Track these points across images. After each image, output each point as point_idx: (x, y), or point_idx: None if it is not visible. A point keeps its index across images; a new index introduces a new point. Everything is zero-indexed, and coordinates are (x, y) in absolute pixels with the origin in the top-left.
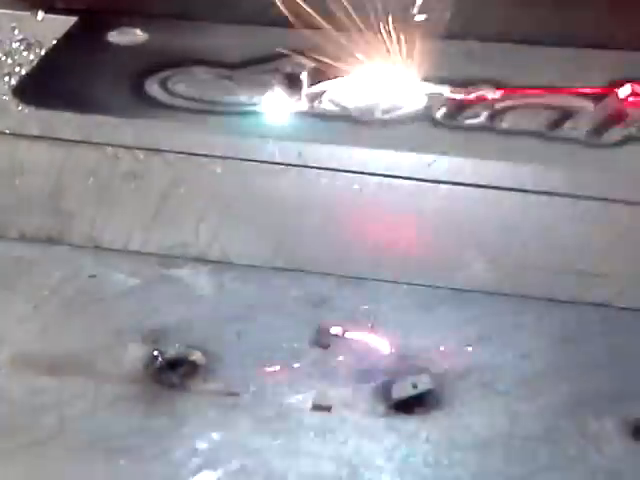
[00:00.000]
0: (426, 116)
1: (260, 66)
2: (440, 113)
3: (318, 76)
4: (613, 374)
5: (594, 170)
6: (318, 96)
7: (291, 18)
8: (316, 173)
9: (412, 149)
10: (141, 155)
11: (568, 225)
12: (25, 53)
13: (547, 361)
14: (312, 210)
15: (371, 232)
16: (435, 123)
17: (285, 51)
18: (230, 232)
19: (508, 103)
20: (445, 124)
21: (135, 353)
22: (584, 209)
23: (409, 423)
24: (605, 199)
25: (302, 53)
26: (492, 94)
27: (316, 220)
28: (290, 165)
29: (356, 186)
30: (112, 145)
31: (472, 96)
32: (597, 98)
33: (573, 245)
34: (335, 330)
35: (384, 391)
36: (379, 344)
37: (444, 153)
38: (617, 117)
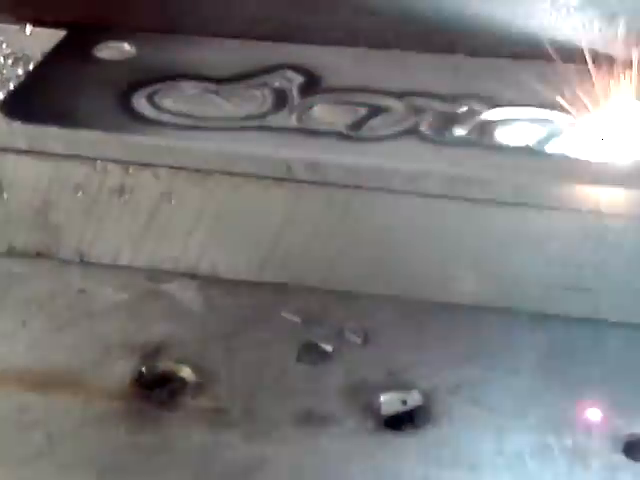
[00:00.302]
0: (414, 131)
1: (248, 80)
2: (428, 129)
3: (307, 91)
4: (603, 389)
5: (582, 184)
6: (306, 111)
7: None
8: (305, 187)
9: (400, 164)
10: (130, 169)
11: (558, 239)
12: (13, 67)
13: (537, 376)
14: (301, 224)
15: (361, 246)
16: (424, 138)
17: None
18: (219, 247)
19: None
20: (434, 139)
21: (123, 369)
22: (573, 223)
23: (398, 439)
24: (594, 213)
25: (292, 67)
26: None
27: (305, 234)
28: (279, 179)
29: (345, 200)
30: (101, 159)
31: None
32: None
33: (563, 259)
34: (325, 345)
35: (373, 407)
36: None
37: (432, 167)
38: None
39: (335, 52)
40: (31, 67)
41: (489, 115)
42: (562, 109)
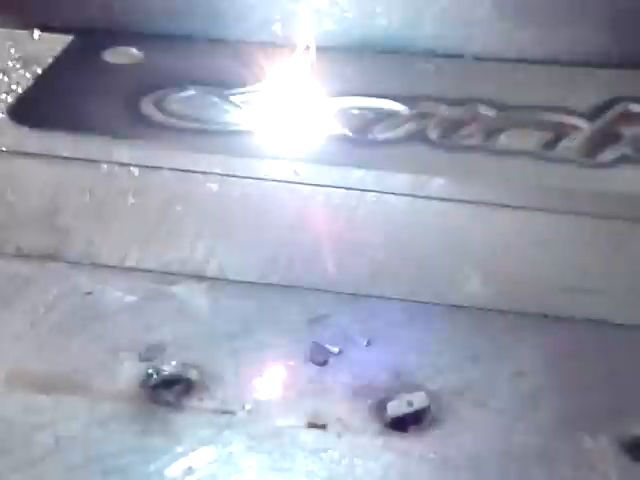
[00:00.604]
0: (421, 136)
1: (257, 85)
2: (434, 133)
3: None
4: (609, 391)
5: (589, 189)
6: (314, 115)
7: None
8: (312, 190)
9: (407, 168)
10: (138, 172)
11: (563, 242)
12: (22, 72)
13: (542, 378)
14: (308, 227)
15: (367, 249)
16: (430, 143)
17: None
18: (226, 249)
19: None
20: (440, 144)
21: (131, 371)
22: (579, 226)
23: (404, 441)
24: (600, 217)
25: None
26: None
27: (312, 237)
28: (286, 183)
29: (352, 203)
30: (109, 163)
31: None
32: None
33: (568, 262)
34: (331, 347)
35: (380, 409)
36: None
37: (439, 172)
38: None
39: (342, 57)
40: (39, 71)
41: (495, 119)
42: (566, 112)
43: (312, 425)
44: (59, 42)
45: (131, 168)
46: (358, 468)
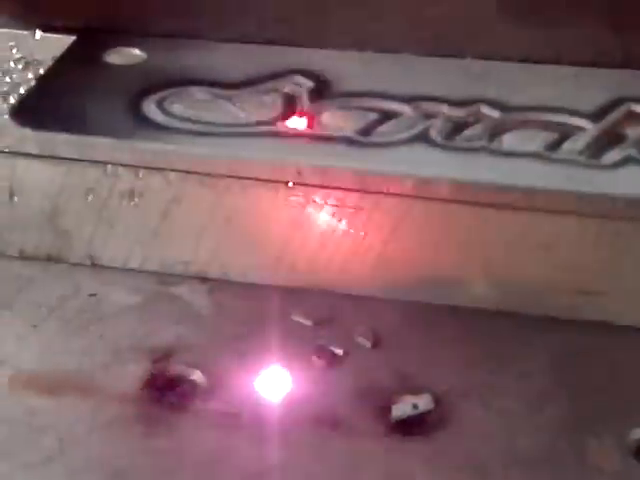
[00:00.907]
0: (424, 137)
1: (259, 86)
2: (438, 134)
3: (317, 96)
4: (614, 393)
5: (593, 190)
6: (317, 115)
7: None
8: (315, 191)
9: (410, 170)
10: (140, 173)
11: (568, 244)
12: (23, 72)
13: (547, 380)
14: (312, 228)
15: (371, 249)
16: (433, 144)
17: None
18: (229, 250)
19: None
20: (443, 145)
21: (134, 372)
22: (583, 228)
23: (409, 444)
24: (605, 218)
25: (302, 72)
26: None
27: (316, 238)
28: (289, 184)
29: (355, 204)
30: (111, 164)
31: None
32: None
33: (573, 264)
34: (335, 349)
35: (384, 411)
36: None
37: (442, 173)
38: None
39: (345, 57)
40: (41, 72)
41: (498, 120)
42: (570, 113)
43: (316, 427)
44: (61, 43)
45: (133, 169)
46: (363, 470)
